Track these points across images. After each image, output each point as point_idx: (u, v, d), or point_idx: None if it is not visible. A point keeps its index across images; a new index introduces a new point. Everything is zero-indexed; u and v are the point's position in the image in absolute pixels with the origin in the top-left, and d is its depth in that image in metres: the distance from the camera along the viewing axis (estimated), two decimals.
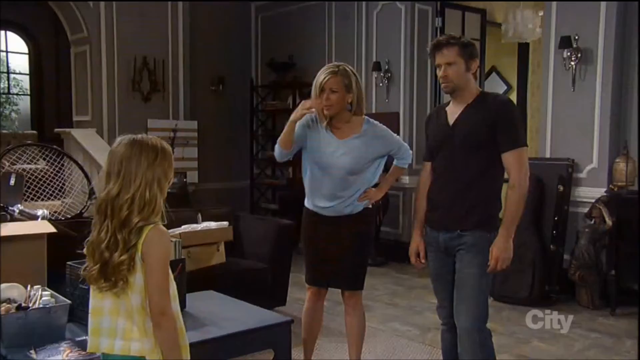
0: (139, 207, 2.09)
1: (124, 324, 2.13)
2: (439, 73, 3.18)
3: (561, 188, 5.82)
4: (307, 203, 3.70)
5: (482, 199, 3.13)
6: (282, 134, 3.54)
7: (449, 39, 3.15)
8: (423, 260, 3.40)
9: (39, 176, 4.99)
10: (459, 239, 3.15)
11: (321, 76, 3.49)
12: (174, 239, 3.86)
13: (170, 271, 2.19)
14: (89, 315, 2.21)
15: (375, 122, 3.63)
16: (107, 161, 2.16)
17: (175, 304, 2.20)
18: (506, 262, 3.06)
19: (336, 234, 3.60)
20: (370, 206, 3.68)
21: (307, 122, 3.59)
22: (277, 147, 3.60)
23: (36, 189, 4.91)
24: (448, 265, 3.25)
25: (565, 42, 5.85)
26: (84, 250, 2.18)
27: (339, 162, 3.51)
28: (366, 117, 3.61)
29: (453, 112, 3.23)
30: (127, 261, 2.08)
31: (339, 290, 3.82)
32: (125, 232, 2.08)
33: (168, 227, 2.19)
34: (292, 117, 3.47)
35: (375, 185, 3.68)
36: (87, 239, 2.18)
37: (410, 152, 3.73)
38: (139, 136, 2.16)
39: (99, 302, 2.17)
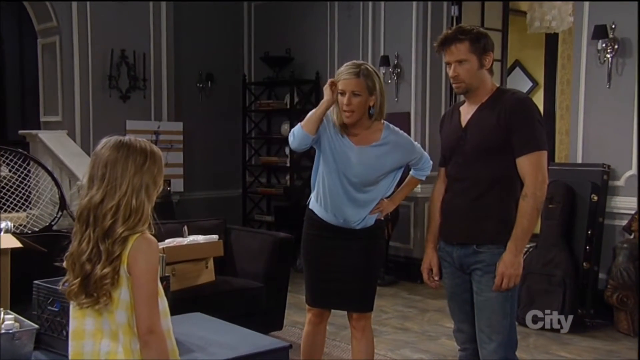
0: (124, 216, 2.12)
1: (108, 345, 2.15)
2: (449, 72, 3.17)
3: (595, 198, 5.79)
4: (313, 205, 3.68)
5: (498, 210, 3.12)
6: (309, 116, 3.44)
7: (458, 32, 3.13)
8: (437, 278, 3.40)
9: (1, 185, 4.96)
10: (475, 256, 3.14)
11: (341, 76, 3.47)
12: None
13: (160, 285, 2.20)
14: (69, 339, 2.22)
15: (396, 128, 3.63)
16: (90, 164, 2.19)
17: (167, 321, 2.22)
18: (513, 280, 3.04)
19: (345, 249, 3.60)
20: (382, 218, 3.71)
21: (322, 127, 3.53)
22: (298, 130, 3.47)
23: None
24: (465, 282, 3.24)
25: (599, 32, 5.83)
26: (64, 264, 2.19)
27: (352, 170, 3.51)
28: (385, 122, 3.60)
29: (467, 112, 3.23)
30: (111, 274, 2.10)
31: (342, 313, 3.80)
32: (109, 242, 2.11)
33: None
34: (326, 101, 3.41)
35: (389, 196, 3.69)
36: (67, 251, 2.19)
37: (431, 163, 3.74)
38: (126, 138, 2.20)
39: (80, 323, 2.19)
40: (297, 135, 3.48)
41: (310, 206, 3.69)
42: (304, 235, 3.73)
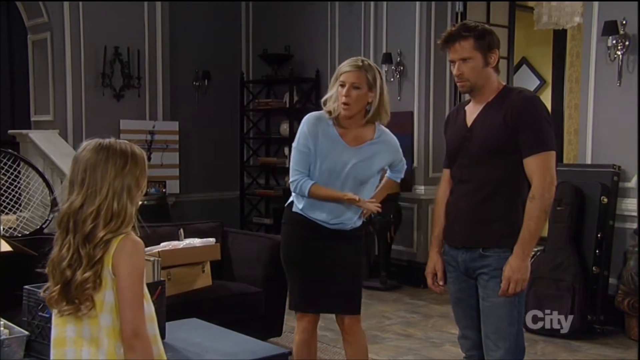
0: (105, 220, 2.14)
1: (89, 352, 2.16)
2: (453, 70, 3.19)
3: (605, 200, 5.78)
4: (303, 210, 3.70)
5: (505, 212, 3.12)
6: (319, 194, 3.58)
7: (462, 29, 3.14)
8: (441, 283, 3.40)
9: None
10: (481, 260, 3.14)
11: (343, 68, 3.60)
12: (152, 258, 3.84)
13: (146, 289, 2.22)
14: (51, 346, 2.23)
15: (385, 128, 3.76)
16: (70, 169, 2.21)
17: (153, 327, 2.24)
18: (520, 285, 3.04)
19: (335, 249, 3.69)
20: (364, 220, 3.86)
21: (316, 131, 3.63)
22: (303, 190, 3.59)
23: None
24: (470, 287, 3.24)
25: (610, 28, 5.82)
26: (46, 270, 2.20)
27: (352, 172, 3.61)
28: (377, 122, 3.72)
29: (472, 111, 3.24)
30: (92, 278, 2.11)
31: (332, 317, 3.86)
32: (90, 247, 2.12)
33: (144, 243, 2.21)
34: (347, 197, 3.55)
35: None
36: (48, 257, 2.20)
37: (406, 166, 3.94)
38: (106, 140, 2.22)
39: (61, 331, 2.20)
40: (300, 191, 3.63)
41: (297, 209, 3.71)
42: (289, 238, 3.78)
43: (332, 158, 3.60)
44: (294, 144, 3.70)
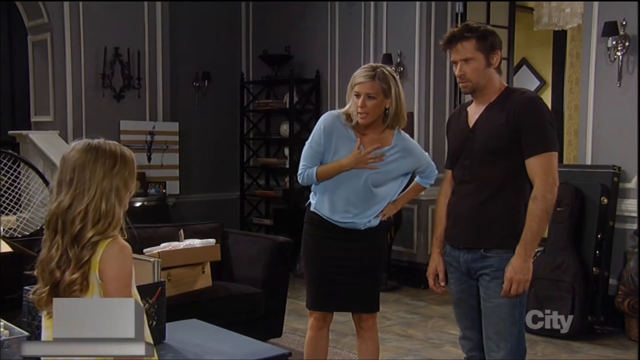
0: (94, 220, 2.13)
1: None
2: (455, 71, 3.19)
3: (605, 200, 5.78)
4: (316, 208, 3.74)
5: (507, 213, 3.12)
6: (326, 171, 3.63)
7: (464, 30, 3.15)
8: (443, 284, 3.40)
9: None
10: (482, 261, 3.14)
11: (356, 79, 3.59)
12: (152, 259, 3.84)
13: (136, 291, 2.24)
14: None
15: (406, 135, 3.77)
16: (59, 169, 2.21)
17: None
18: (522, 286, 3.04)
19: (350, 249, 3.68)
20: (386, 220, 3.80)
21: (332, 129, 3.66)
22: (310, 176, 3.67)
23: None
24: (471, 288, 3.24)
25: (609, 29, 5.82)
26: (35, 272, 2.20)
27: (363, 173, 3.61)
28: (397, 128, 3.72)
29: (475, 112, 3.24)
30: (79, 280, 2.11)
31: (343, 319, 3.83)
32: (78, 248, 2.12)
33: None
34: (349, 164, 3.58)
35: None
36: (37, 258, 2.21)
37: (436, 173, 3.87)
38: (95, 141, 2.22)
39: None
40: (308, 180, 3.69)
41: (314, 208, 3.75)
42: (307, 237, 3.79)
43: (345, 154, 3.61)
44: (308, 140, 3.72)
